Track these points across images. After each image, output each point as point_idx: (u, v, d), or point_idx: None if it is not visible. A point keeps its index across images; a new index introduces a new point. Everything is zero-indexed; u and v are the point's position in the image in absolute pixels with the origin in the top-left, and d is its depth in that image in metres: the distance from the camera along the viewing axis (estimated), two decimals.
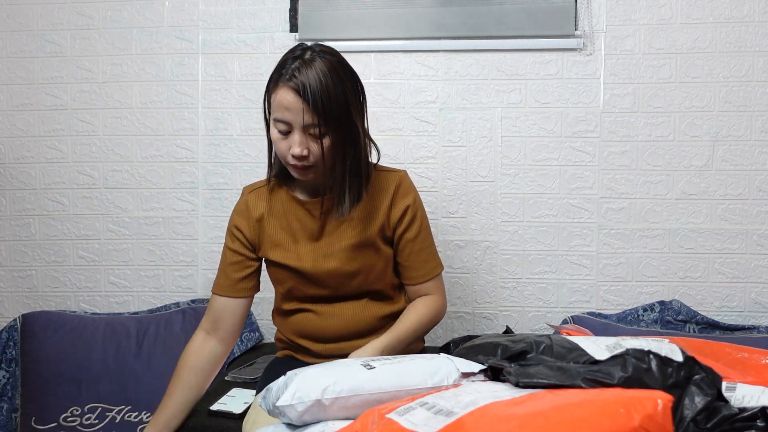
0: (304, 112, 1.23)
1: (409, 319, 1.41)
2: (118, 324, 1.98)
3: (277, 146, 1.29)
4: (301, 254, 1.39)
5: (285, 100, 1.24)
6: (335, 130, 1.27)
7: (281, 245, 1.40)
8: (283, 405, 0.93)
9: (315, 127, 1.24)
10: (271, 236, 1.40)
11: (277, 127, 1.27)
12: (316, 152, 1.27)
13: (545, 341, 1.02)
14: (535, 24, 1.94)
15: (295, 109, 1.23)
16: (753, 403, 0.92)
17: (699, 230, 1.96)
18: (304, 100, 1.22)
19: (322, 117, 1.23)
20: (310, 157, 1.27)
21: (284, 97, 1.24)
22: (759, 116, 1.92)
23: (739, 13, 1.91)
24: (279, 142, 1.28)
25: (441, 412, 0.82)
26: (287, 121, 1.25)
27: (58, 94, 2.10)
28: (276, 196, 1.42)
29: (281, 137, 1.27)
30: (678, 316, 1.89)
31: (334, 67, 1.27)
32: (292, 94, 1.23)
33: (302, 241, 1.39)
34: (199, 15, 2.05)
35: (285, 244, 1.40)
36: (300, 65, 1.24)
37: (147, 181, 2.09)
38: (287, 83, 1.24)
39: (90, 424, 1.86)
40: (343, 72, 1.28)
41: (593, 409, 0.77)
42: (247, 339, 1.96)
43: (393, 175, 1.43)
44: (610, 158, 1.97)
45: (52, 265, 2.13)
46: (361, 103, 1.33)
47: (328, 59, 1.27)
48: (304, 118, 1.23)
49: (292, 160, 1.28)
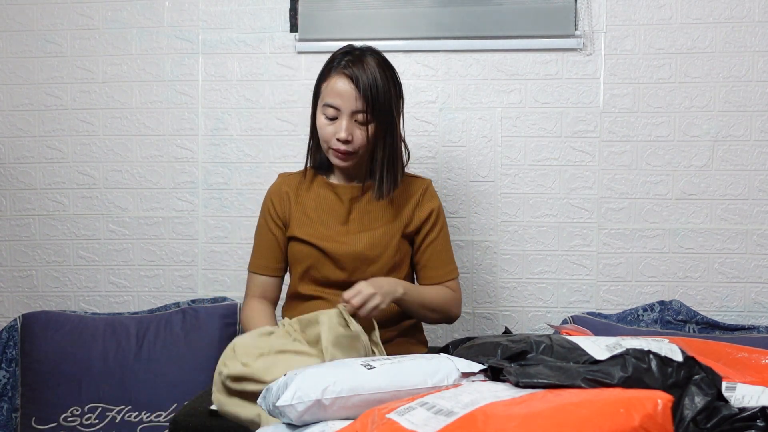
0: (354, 99, 1.37)
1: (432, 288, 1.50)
2: (118, 324, 1.97)
3: (323, 131, 1.42)
4: (326, 234, 1.47)
5: (337, 86, 1.39)
6: (378, 119, 1.40)
7: (307, 223, 1.49)
8: (283, 405, 0.93)
9: (362, 114, 1.39)
10: (297, 214, 1.51)
11: (325, 112, 1.41)
12: (360, 139, 1.40)
13: (545, 341, 1.02)
14: (535, 24, 1.94)
15: (346, 95, 1.38)
16: (753, 403, 0.92)
17: (699, 230, 1.96)
18: (356, 87, 1.37)
19: (370, 105, 1.38)
20: (354, 143, 1.40)
21: (337, 83, 1.39)
22: (759, 116, 1.92)
23: (739, 13, 1.91)
24: (325, 128, 1.41)
25: (441, 412, 0.82)
26: (337, 106, 1.39)
27: (58, 94, 2.10)
28: (308, 180, 1.54)
29: (328, 122, 1.41)
30: (678, 316, 1.89)
31: (381, 64, 1.43)
32: (345, 81, 1.38)
33: (329, 222, 1.49)
34: (199, 15, 2.05)
35: (311, 223, 1.49)
36: (353, 58, 1.40)
37: (147, 181, 2.09)
38: (342, 71, 1.39)
39: (90, 424, 1.86)
40: (389, 70, 1.44)
41: (593, 409, 0.77)
42: None
43: (420, 181, 1.56)
44: (610, 158, 1.97)
45: (52, 265, 2.13)
46: (400, 101, 1.49)
47: (377, 57, 1.44)
48: (353, 104, 1.37)
49: (336, 144, 1.40)
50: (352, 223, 1.49)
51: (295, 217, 1.50)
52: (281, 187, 1.54)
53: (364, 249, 1.46)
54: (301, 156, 2.02)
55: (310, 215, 1.50)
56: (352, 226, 1.49)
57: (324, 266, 1.47)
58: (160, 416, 1.85)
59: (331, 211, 1.50)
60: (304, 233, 1.48)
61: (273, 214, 1.52)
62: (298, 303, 1.51)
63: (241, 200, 2.06)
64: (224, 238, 2.07)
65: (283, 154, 2.04)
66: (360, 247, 1.45)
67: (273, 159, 2.05)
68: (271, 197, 1.54)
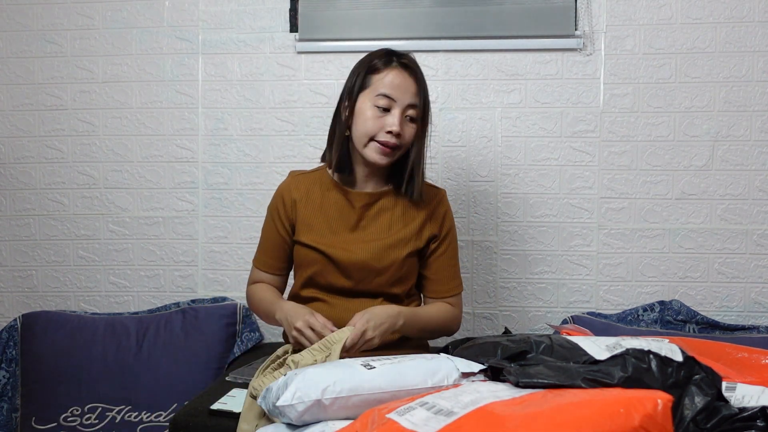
0: (413, 93, 1.38)
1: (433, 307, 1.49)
2: (118, 324, 1.98)
3: (369, 123, 1.38)
4: (334, 241, 1.44)
5: (397, 79, 1.38)
6: (423, 120, 1.42)
7: (315, 229, 1.46)
8: (283, 405, 0.93)
9: (416, 109, 1.39)
10: (305, 218, 1.47)
11: (378, 102, 1.37)
12: (408, 135, 1.40)
13: (545, 341, 1.02)
14: (535, 24, 1.94)
15: (404, 87, 1.38)
16: (753, 403, 0.92)
17: (699, 230, 1.96)
18: (416, 82, 1.39)
19: (422, 102, 1.40)
20: (402, 138, 1.38)
21: (396, 76, 1.38)
22: (759, 116, 1.92)
23: (739, 13, 1.91)
24: (373, 120, 1.38)
25: (441, 412, 0.82)
26: (393, 97, 1.37)
27: (58, 94, 2.10)
28: (319, 182, 1.50)
29: (378, 114, 1.38)
30: (678, 316, 1.89)
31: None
32: (405, 75, 1.39)
33: (338, 228, 1.46)
34: (199, 15, 2.05)
35: (319, 229, 1.46)
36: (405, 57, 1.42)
37: (147, 181, 2.09)
38: (400, 64, 1.40)
39: (90, 424, 1.86)
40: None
41: (593, 409, 0.77)
42: (247, 339, 1.96)
43: (435, 190, 1.54)
44: (610, 158, 1.97)
45: (52, 265, 2.13)
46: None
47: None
48: (411, 98, 1.38)
49: (384, 136, 1.37)
50: (362, 231, 1.46)
51: (304, 220, 1.47)
52: (291, 189, 1.50)
53: (371, 259, 1.43)
54: (300, 156, 2.03)
55: (320, 220, 1.47)
56: (361, 235, 1.45)
57: (330, 273, 1.45)
58: (160, 416, 1.85)
59: (342, 217, 1.46)
60: (311, 239, 1.45)
61: (282, 215, 1.49)
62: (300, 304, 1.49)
63: (241, 200, 2.06)
64: (224, 238, 2.07)
65: (283, 154, 2.04)
66: (367, 257, 1.43)
67: (273, 159, 2.05)
68: (282, 197, 1.50)
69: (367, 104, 1.39)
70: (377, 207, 1.47)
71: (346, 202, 1.47)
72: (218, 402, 1.48)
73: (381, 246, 1.44)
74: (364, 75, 1.42)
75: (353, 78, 1.44)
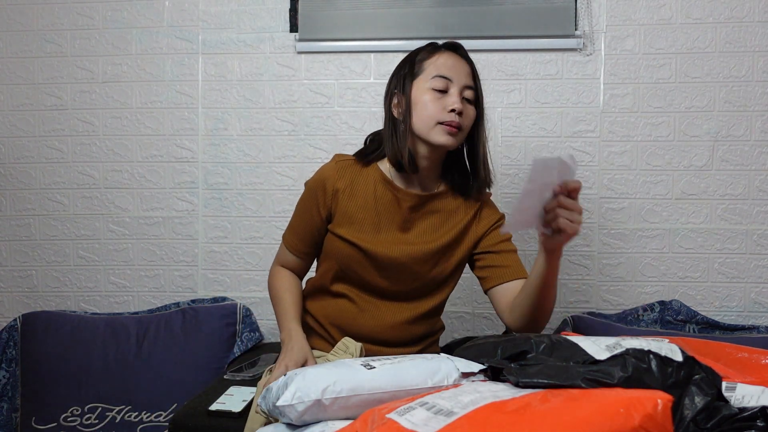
0: (466, 74, 1.36)
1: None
2: (118, 324, 1.98)
3: (430, 107, 1.33)
4: (376, 239, 1.37)
5: (449, 61, 1.35)
6: (479, 103, 1.38)
7: (356, 223, 1.38)
8: (283, 405, 0.93)
9: (471, 90, 1.36)
10: (346, 211, 1.38)
11: (435, 85, 1.33)
12: (469, 116, 1.36)
13: (545, 341, 1.02)
14: (535, 24, 1.94)
15: (459, 68, 1.35)
16: (753, 403, 0.92)
17: (699, 230, 1.96)
18: (467, 63, 1.37)
19: (477, 84, 1.37)
20: (463, 118, 1.34)
21: (448, 59, 1.36)
22: (759, 116, 1.92)
23: (739, 13, 1.91)
24: (433, 102, 1.33)
25: (441, 412, 0.82)
26: (450, 77, 1.34)
27: (58, 94, 2.10)
28: (366, 173, 1.41)
29: (437, 96, 1.33)
30: (678, 316, 1.89)
31: None
32: (457, 57, 1.37)
33: (382, 226, 1.39)
34: (199, 15, 2.05)
35: (361, 224, 1.38)
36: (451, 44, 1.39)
37: (147, 181, 2.09)
38: (450, 49, 1.38)
39: (90, 424, 1.86)
40: None
41: (593, 409, 0.77)
42: (247, 339, 1.96)
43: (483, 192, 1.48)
44: (610, 158, 1.97)
45: (52, 265, 2.13)
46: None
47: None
48: (465, 79, 1.35)
49: (447, 116, 1.32)
50: (406, 232, 1.39)
51: (344, 212, 1.38)
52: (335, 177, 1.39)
53: (412, 262, 1.37)
54: (300, 156, 2.03)
55: (362, 215, 1.38)
56: (406, 236, 1.39)
57: (366, 271, 1.38)
58: (160, 416, 1.85)
59: (387, 215, 1.39)
60: (351, 234, 1.37)
61: (320, 202, 1.39)
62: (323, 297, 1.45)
63: (241, 200, 2.06)
64: (224, 238, 2.07)
65: (283, 154, 2.04)
66: (406, 259, 1.37)
67: (273, 159, 2.05)
68: (324, 184, 1.39)
69: (423, 89, 1.34)
70: (425, 209, 1.41)
71: (394, 199, 1.39)
72: (216, 402, 1.48)
73: (424, 250, 1.38)
74: (412, 64, 1.37)
75: (400, 71, 1.39)
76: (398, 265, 1.37)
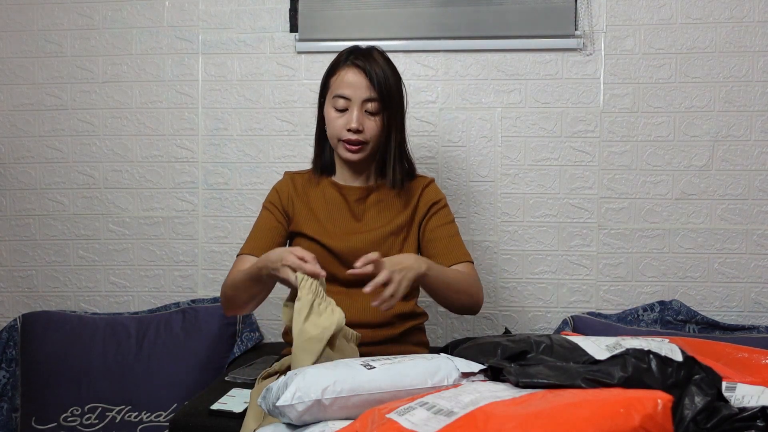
0: (365, 88, 1.40)
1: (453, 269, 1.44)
2: (118, 324, 1.98)
3: (333, 125, 1.43)
4: (333, 232, 1.48)
5: (348, 77, 1.41)
6: (388, 110, 1.43)
7: (314, 221, 1.50)
8: (283, 405, 0.92)
9: (373, 102, 1.41)
10: (302, 212, 1.51)
11: (336, 104, 1.42)
12: (371, 129, 1.42)
13: (545, 341, 1.02)
14: (535, 24, 1.94)
15: (356, 84, 1.40)
16: (753, 403, 0.92)
17: (699, 230, 1.96)
18: (367, 77, 1.40)
19: (380, 94, 1.40)
20: (365, 133, 1.42)
21: (347, 75, 1.42)
22: (759, 116, 1.92)
23: (739, 13, 1.91)
24: (335, 120, 1.43)
25: (441, 412, 0.82)
26: (347, 96, 1.41)
27: (58, 94, 2.10)
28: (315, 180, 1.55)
29: (338, 115, 1.42)
30: (678, 316, 1.89)
31: (387, 59, 1.47)
32: (355, 71, 1.41)
33: (335, 220, 1.50)
34: (199, 15, 2.05)
35: (318, 221, 1.50)
36: (361, 53, 1.44)
37: (147, 181, 2.09)
38: (351, 63, 1.42)
39: (90, 424, 1.86)
40: (393, 67, 1.48)
41: (593, 409, 0.77)
42: (247, 339, 1.96)
43: (422, 179, 1.57)
44: (610, 158, 1.97)
45: (52, 265, 2.13)
46: (404, 99, 1.51)
47: (383, 53, 1.48)
48: (364, 93, 1.40)
49: (346, 135, 1.41)
50: (358, 222, 1.51)
51: (301, 213, 1.51)
52: (288, 185, 1.54)
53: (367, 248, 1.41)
54: (300, 156, 2.03)
55: (317, 213, 1.51)
56: (357, 226, 1.50)
57: (330, 264, 1.45)
58: (160, 416, 1.85)
59: (339, 211, 1.51)
60: (310, 230, 1.48)
61: (278, 205, 1.52)
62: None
63: (241, 200, 2.06)
64: (224, 238, 2.07)
65: (283, 154, 2.04)
66: (364, 246, 1.45)
67: (273, 159, 2.05)
68: (279, 191, 1.54)
69: (329, 107, 1.45)
70: (370, 200, 1.52)
71: (341, 196, 1.52)
72: (218, 402, 1.48)
73: (378, 235, 1.47)
74: (325, 79, 1.48)
75: (321, 82, 1.50)
76: (356, 251, 1.42)
